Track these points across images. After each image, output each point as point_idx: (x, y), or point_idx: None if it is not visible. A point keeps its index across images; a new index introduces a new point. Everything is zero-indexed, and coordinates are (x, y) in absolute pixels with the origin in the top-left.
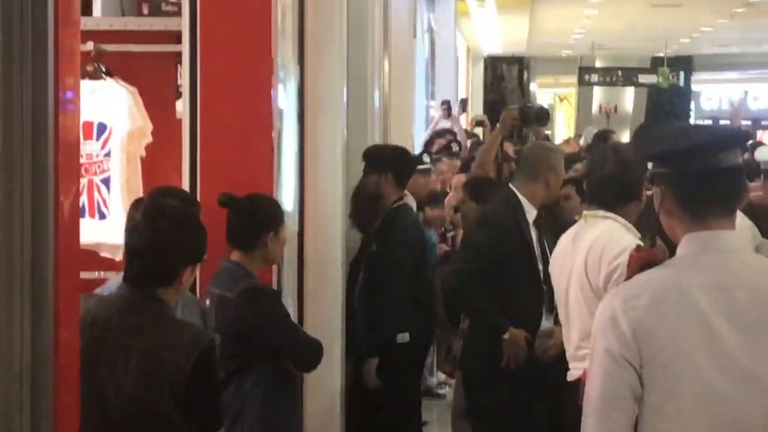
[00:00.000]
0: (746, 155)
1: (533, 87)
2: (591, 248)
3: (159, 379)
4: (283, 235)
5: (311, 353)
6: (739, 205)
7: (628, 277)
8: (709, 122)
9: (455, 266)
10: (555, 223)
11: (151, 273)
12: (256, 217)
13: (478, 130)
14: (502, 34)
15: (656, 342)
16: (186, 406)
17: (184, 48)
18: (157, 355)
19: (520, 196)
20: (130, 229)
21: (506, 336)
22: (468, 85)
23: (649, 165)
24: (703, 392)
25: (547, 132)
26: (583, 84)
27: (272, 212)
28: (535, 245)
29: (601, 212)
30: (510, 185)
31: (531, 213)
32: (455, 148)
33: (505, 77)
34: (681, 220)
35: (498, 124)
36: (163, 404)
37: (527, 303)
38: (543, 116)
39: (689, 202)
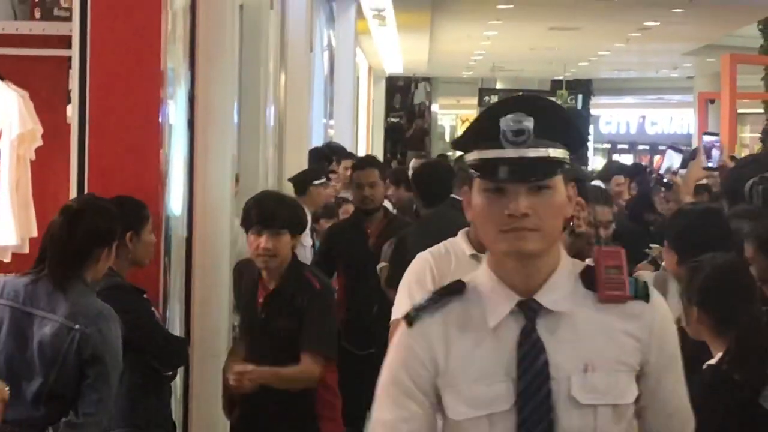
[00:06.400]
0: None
1: (435, 108)
2: None
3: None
4: (146, 237)
5: (174, 351)
6: None
7: None
8: (607, 146)
9: None
10: None
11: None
12: None
13: None
14: (403, 54)
15: None
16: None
17: (74, 52)
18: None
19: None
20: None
21: None
22: (369, 105)
23: None
24: None
25: (448, 153)
26: (484, 105)
27: (132, 212)
28: None
29: None
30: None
31: None
32: None
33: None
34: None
35: None
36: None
37: None
38: None
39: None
